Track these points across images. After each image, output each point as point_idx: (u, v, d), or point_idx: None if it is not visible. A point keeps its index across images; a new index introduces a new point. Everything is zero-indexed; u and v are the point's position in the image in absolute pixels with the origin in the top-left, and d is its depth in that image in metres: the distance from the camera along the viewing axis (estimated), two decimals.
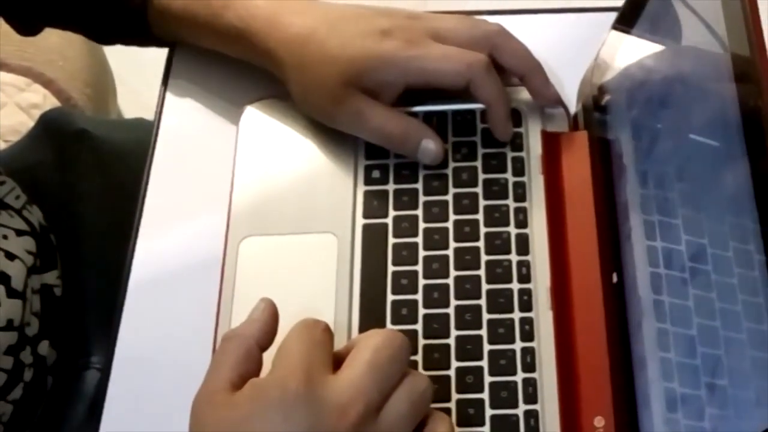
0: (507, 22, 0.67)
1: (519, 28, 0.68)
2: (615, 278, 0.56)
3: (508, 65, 0.60)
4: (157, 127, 0.65)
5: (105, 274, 0.72)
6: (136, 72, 0.68)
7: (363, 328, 0.56)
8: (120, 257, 0.69)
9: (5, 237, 0.65)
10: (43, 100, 0.92)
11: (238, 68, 0.64)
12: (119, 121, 0.86)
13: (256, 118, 0.64)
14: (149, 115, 0.68)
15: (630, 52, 0.61)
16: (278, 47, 0.60)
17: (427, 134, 0.60)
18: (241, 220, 0.60)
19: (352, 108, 0.59)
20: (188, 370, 0.53)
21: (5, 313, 0.62)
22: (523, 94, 0.63)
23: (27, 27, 0.69)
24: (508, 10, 0.69)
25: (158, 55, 0.69)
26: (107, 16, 0.66)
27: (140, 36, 0.66)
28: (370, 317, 0.56)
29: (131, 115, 1.02)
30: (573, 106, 0.64)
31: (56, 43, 0.70)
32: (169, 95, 0.67)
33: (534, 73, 0.61)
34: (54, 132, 0.80)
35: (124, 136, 0.80)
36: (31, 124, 0.86)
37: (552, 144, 0.62)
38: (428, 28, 0.59)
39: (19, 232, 0.67)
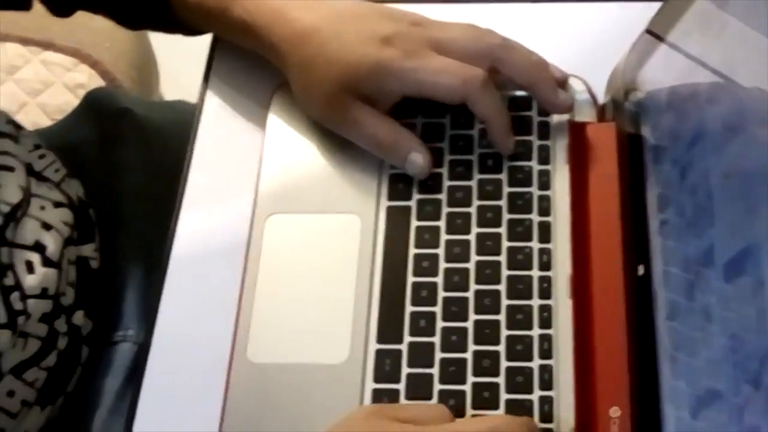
0: (544, 10, 0.68)
1: (552, 15, 0.69)
2: (641, 271, 0.56)
3: (513, 78, 0.60)
4: (200, 110, 0.67)
5: (142, 249, 0.75)
6: (177, 57, 0.70)
7: (382, 309, 0.57)
8: (157, 234, 0.71)
9: (42, 208, 0.67)
10: (89, 80, 0.95)
11: None
12: (161, 102, 0.88)
13: (287, 100, 0.65)
14: (189, 98, 0.70)
15: (667, 55, 0.61)
16: (281, 43, 0.61)
17: (416, 147, 0.60)
18: (268, 198, 0.62)
19: (346, 113, 0.60)
20: (222, 343, 0.56)
21: (40, 281, 0.63)
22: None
23: (59, 8, 0.71)
24: None
25: (198, 42, 0.71)
26: (134, 2, 0.67)
27: (166, 23, 0.68)
28: (390, 299, 0.57)
29: (172, 98, 1.04)
30: (601, 96, 0.64)
31: (103, 25, 0.72)
32: (212, 78, 0.68)
33: (540, 85, 0.60)
34: (98, 110, 0.82)
35: (166, 117, 0.82)
36: (76, 102, 0.88)
37: (578, 134, 0.62)
38: (430, 37, 0.59)
39: (57, 204, 0.69)
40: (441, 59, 0.59)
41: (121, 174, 0.78)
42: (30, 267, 0.63)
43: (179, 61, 0.70)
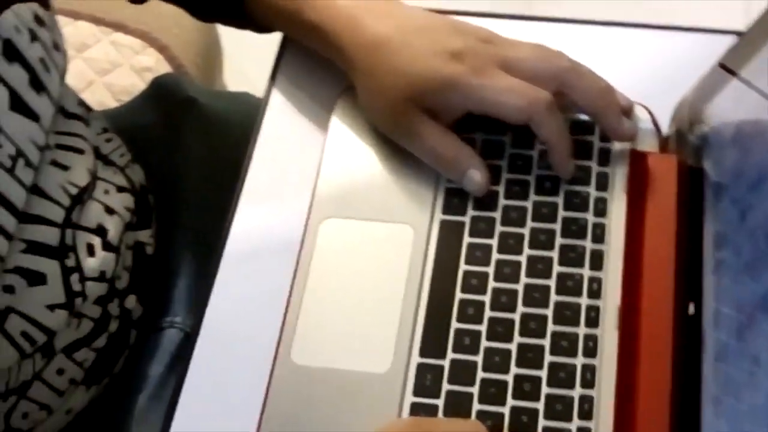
0: (615, 34, 0.67)
1: (623, 40, 0.68)
2: (692, 309, 0.56)
3: (578, 103, 0.60)
4: (265, 107, 0.68)
5: (197, 238, 0.76)
6: (243, 47, 0.71)
7: (428, 321, 0.57)
8: (212, 224, 0.72)
9: (107, 192, 0.69)
10: (155, 65, 0.96)
11: None
12: (226, 93, 0.89)
13: (351, 104, 0.65)
14: (250, 91, 0.70)
15: (738, 90, 0.60)
16: (350, 49, 0.61)
17: (475, 164, 0.60)
18: (324, 201, 0.62)
19: (409, 124, 0.60)
20: (268, 341, 0.57)
21: (99, 264, 0.65)
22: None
23: None
24: (617, 22, 0.69)
25: (264, 36, 0.71)
26: None
27: (238, 19, 0.68)
28: (436, 313, 0.58)
29: (234, 89, 1.05)
30: (665, 127, 0.64)
31: (173, 12, 0.73)
32: (279, 76, 0.69)
33: (605, 113, 0.60)
34: (164, 96, 0.83)
35: (231, 108, 0.83)
36: (142, 86, 0.89)
37: (639, 163, 0.62)
38: (499, 56, 0.59)
39: (120, 189, 0.70)
40: (508, 78, 0.59)
41: (182, 162, 0.79)
42: (91, 250, 0.65)
43: (244, 52, 0.71)
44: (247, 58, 0.71)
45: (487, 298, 0.58)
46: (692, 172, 0.61)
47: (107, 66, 0.95)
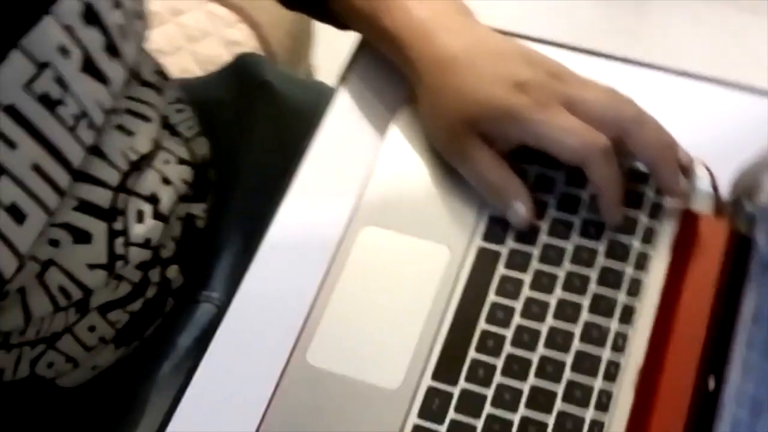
0: (689, 85, 0.66)
1: (696, 92, 0.67)
2: (712, 385, 0.55)
3: (636, 154, 0.59)
4: (331, 103, 0.68)
5: (246, 220, 0.77)
6: (332, 36, 0.72)
7: (447, 345, 0.57)
8: (264, 208, 0.73)
9: (167, 162, 0.70)
10: (244, 40, 0.97)
11: None
12: (303, 81, 0.90)
13: (413, 115, 0.65)
14: (336, 76, 0.71)
15: None
16: (419, 62, 0.61)
17: (522, 197, 0.60)
18: (368, 208, 0.63)
19: (463, 147, 0.60)
20: (287, 336, 0.58)
21: (146, 231, 0.66)
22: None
23: None
24: (693, 74, 0.68)
25: None
26: None
27: (320, 13, 0.69)
28: (456, 339, 0.58)
29: (321, 72, 1.06)
30: (724, 190, 0.62)
31: None
32: (350, 76, 0.69)
33: (663, 168, 0.59)
34: (242, 76, 0.84)
35: (302, 96, 0.84)
36: (228, 58, 0.91)
37: (689, 223, 0.61)
38: (564, 93, 0.59)
39: (181, 161, 0.72)
40: (568, 118, 0.58)
41: (247, 143, 0.80)
42: (140, 217, 0.66)
43: (333, 40, 0.72)
44: (335, 46, 0.71)
45: (509, 333, 0.57)
46: (742, 241, 0.60)
47: (197, 34, 0.97)
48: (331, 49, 1.15)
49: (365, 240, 0.62)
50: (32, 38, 0.55)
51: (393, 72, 0.67)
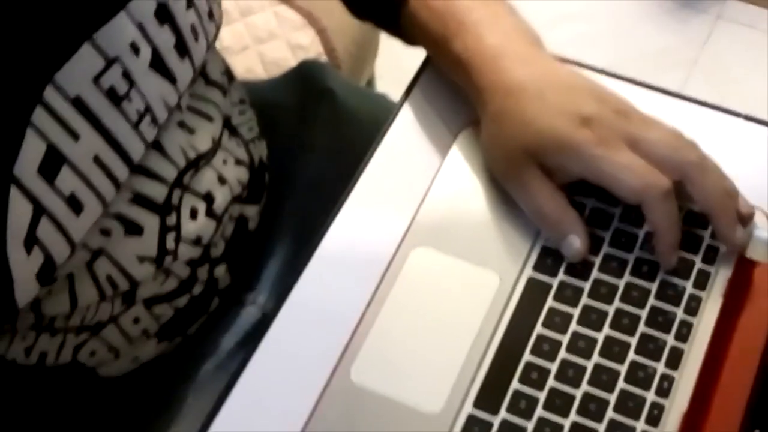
0: (755, 129, 0.64)
1: (761, 136, 0.66)
2: None
3: (696, 200, 0.58)
4: (393, 119, 0.68)
5: (298, 225, 0.77)
6: (398, 46, 0.71)
7: (490, 373, 0.57)
8: (319, 217, 0.73)
9: (225, 162, 0.71)
10: (310, 44, 0.98)
11: None
12: (365, 92, 0.90)
13: (474, 139, 0.65)
14: (398, 87, 0.71)
15: None
16: (487, 88, 0.61)
17: (577, 230, 0.59)
18: (422, 228, 0.63)
19: (521, 176, 0.60)
20: (332, 350, 0.58)
21: (197, 229, 0.67)
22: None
23: None
24: (759, 119, 0.67)
25: None
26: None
27: (390, 27, 0.69)
28: (500, 368, 0.57)
29: (383, 81, 1.06)
30: None
31: None
32: (414, 92, 0.69)
33: (721, 216, 0.58)
34: (306, 81, 0.85)
35: (364, 107, 0.84)
36: (292, 62, 0.92)
37: (744, 270, 0.60)
38: (628, 132, 0.58)
39: (238, 161, 0.72)
40: (630, 156, 0.57)
41: (306, 149, 0.81)
42: (194, 214, 0.67)
43: (399, 50, 0.72)
44: (399, 57, 0.71)
45: (554, 367, 0.57)
46: None
47: (265, 35, 0.98)
48: (395, 60, 1.15)
49: (416, 260, 0.61)
50: (105, 33, 0.56)
51: (457, 93, 0.67)
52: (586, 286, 0.59)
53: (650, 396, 0.56)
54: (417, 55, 0.71)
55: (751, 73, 1.53)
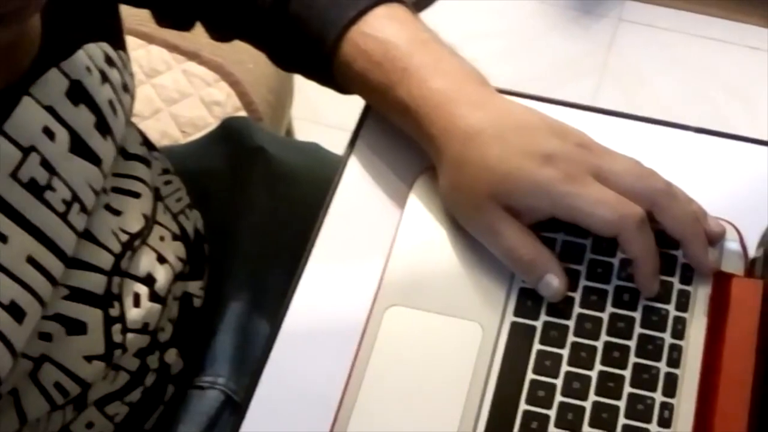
0: (712, 143, 0.64)
1: (719, 150, 0.65)
2: None
3: (666, 227, 0.57)
4: (340, 176, 0.65)
5: (246, 295, 0.74)
6: (315, 85, 0.69)
7: (489, 428, 0.55)
8: (265, 283, 0.70)
9: (162, 239, 0.67)
10: (225, 99, 0.94)
11: None
12: (295, 143, 0.87)
13: (431, 185, 0.63)
14: (319, 130, 0.68)
15: None
16: (441, 136, 0.59)
17: (554, 269, 0.57)
18: (392, 287, 0.60)
19: (489, 221, 0.57)
20: (318, 425, 0.55)
21: (143, 315, 0.63)
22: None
23: (220, 35, 0.71)
24: (715, 132, 0.67)
25: None
26: (296, 50, 0.66)
27: (322, 78, 0.66)
28: (499, 420, 0.55)
29: (301, 125, 1.03)
30: (753, 248, 0.61)
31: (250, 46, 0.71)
32: (359, 144, 0.66)
33: (691, 241, 0.57)
34: (232, 142, 0.81)
35: (298, 161, 0.81)
36: (209, 119, 0.88)
37: (722, 285, 0.59)
38: (593, 165, 0.56)
39: (175, 237, 0.68)
40: (600, 189, 0.56)
41: (243, 212, 0.77)
42: (137, 300, 0.63)
43: (316, 88, 0.69)
44: (318, 92, 0.68)
45: (552, 413, 0.55)
46: None
47: (176, 95, 0.94)
48: (307, 101, 1.13)
49: (392, 321, 0.59)
50: (13, 122, 0.52)
51: (404, 139, 0.64)
52: (571, 323, 0.58)
53: (653, 427, 0.54)
54: (334, 95, 0.68)
55: (658, 72, 1.56)
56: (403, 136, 0.64)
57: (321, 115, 0.68)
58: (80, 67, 0.57)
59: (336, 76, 0.65)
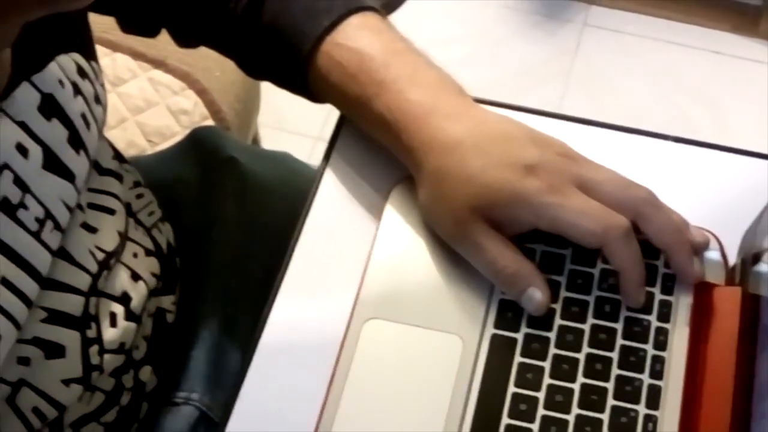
0: (691, 152, 0.64)
1: (698, 160, 0.65)
2: None
3: (651, 237, 0.57)
4: (316, 188, 0.64)
5: (220, 308, 0.72)
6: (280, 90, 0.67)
7: None
8: (239, 294, 0.68)
9: (135, 255, 0.65)
10: (193, 108, 0.92)
11: None
12: (267, 153, 0.85)
13: (407, 195, 0.62)
14: (284, 137, 0.66)
15: None
16: (420, 149, 0.58)
17: (536, 282, 0.56)
18: (369, 301, 0.59)
19: (470, 233, 0.56)
20: None
21: (119, 335, 0.61)
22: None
23: (185, 42, 0.69)
24: (695, 141, 0.66)
25: None
26: (269, 59, 0.65)
27: (295, 87, 0.65)
28: None
29: (266, 132, 1.01)
30: (733, 257, 0.61)
31: (217, 53, 0.70)
32: (334, 156, 0.65)
33: (677, 251, 0.57)
34: (202, 152, 0.79)
35: (269, 171, 0.80)
36: (176, 128, 0.86)
37: (703, 294, 0.59)
38: (576, 175, 0.56)
39: (148, 252, 0.67)
40: (584, 199, 0.55)
41: (215, 223, 0.75)
42: (113, 320, 0.61)
43: (283, 93, 0.67)
44: (284, 98, 0.66)
45: (535, 427, 0.54)
46: (756, 300, 0.58)
47: (142, 104, 0.92)
48: (274, 109, 1.11)
49: (370, 335, 0.58)
50: None
51: (380, 150, 0.63)
52: (552, 335, 0.57)
53: (641, 409, 0.55)
54: (297, 103, 0.66)
55: (624, 78, 1.56)
56: (378, 147, 0.63)
57: (286, 123, 0.67)
58: (52, 80, 0.55)
59: (311, 86, 0.63)
